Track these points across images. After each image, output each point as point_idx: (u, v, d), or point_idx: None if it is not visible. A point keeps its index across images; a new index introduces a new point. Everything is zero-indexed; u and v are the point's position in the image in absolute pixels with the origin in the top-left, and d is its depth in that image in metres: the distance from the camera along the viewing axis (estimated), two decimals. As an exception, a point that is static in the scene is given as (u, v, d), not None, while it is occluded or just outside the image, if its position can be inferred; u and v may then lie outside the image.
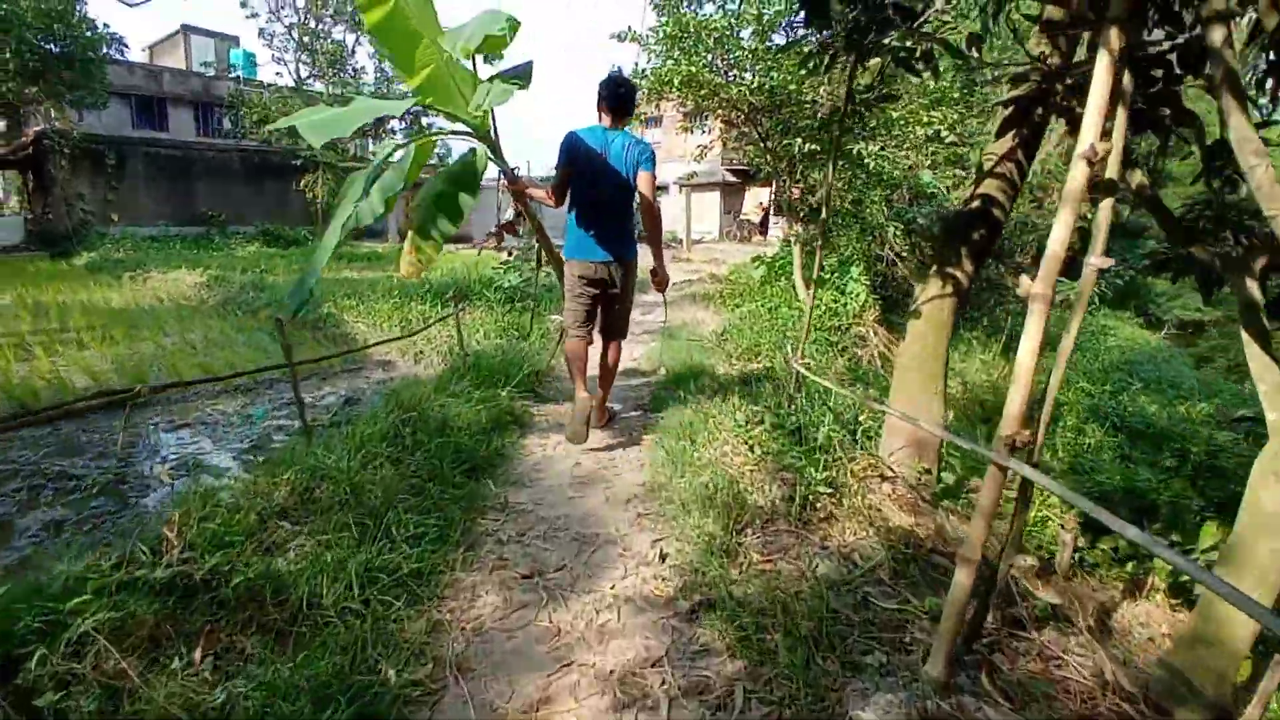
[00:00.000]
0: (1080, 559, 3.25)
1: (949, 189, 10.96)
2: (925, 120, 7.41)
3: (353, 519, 2.81)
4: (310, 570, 2.42)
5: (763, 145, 9.42)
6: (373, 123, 24.17)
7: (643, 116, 13.24)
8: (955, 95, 7.96)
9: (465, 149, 4.77)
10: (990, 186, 3.84)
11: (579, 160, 4.18)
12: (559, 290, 9.74)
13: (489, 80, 4.49)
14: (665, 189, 24.92)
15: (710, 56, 8.22)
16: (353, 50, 26.96)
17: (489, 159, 4.50)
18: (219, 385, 5.60)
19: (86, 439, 4.53)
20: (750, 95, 8.45)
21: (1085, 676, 2.26)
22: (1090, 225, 2.01)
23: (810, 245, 10.10)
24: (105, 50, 19.42)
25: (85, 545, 2.50)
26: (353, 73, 27.11)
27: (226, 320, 8.49)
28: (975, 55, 3.60)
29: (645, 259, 4.37)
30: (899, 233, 9.12)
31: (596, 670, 2.23)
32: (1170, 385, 10.66)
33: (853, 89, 4.13)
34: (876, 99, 4.37)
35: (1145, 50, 2.41)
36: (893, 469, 3.93)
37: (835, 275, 8.59)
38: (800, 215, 9.51)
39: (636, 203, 4.42)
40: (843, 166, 9.19)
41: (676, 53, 8.32)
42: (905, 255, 8.91)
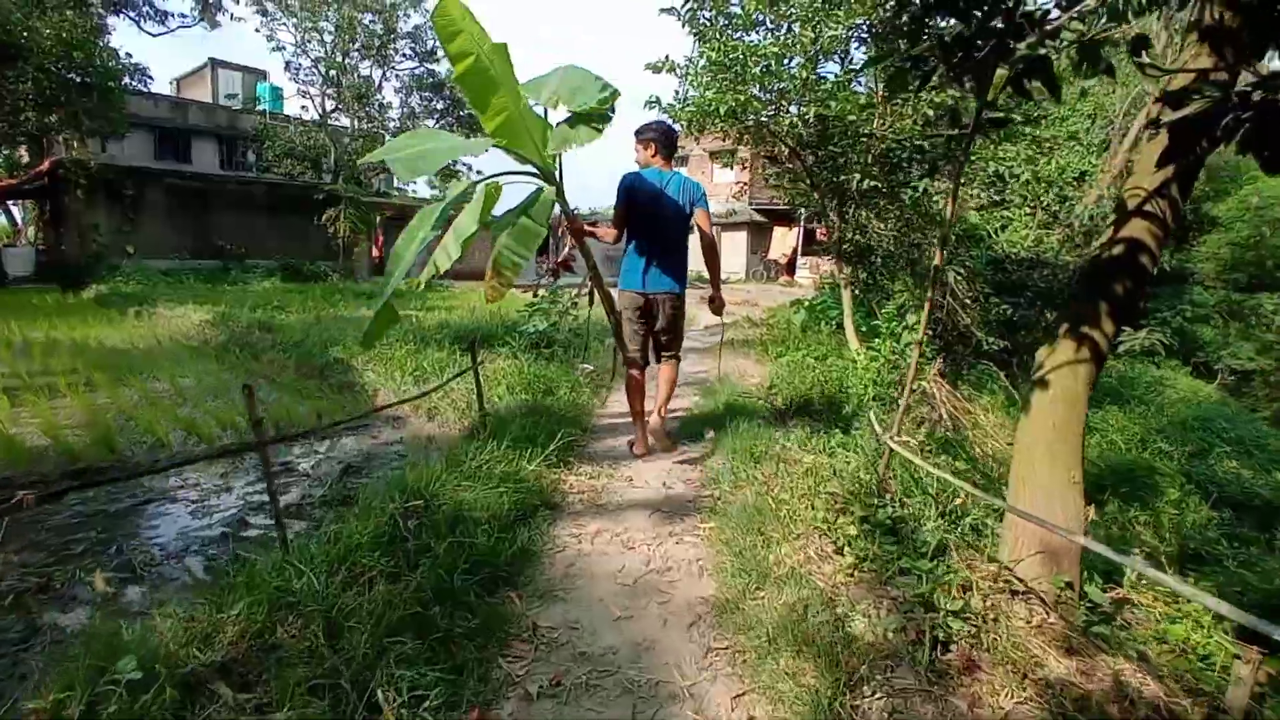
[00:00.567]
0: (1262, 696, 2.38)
1: (997, 230, 10.16)
2: (997, 156, 6.64)
3: (325, 679, 2.01)
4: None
5: (809, 182, 8.68)
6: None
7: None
8: (1035, 130, 7.21)
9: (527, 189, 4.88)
10: (1136, 228, 3.05)
11: (639, 199, 4.55)
12: (586, 337, 9.04)
13: (569, 120, 4.75)
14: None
15: (756, 87, 7.52)
16: (379, 85, 26.78)
17: (553, 200, 4.62)
18: (203, 447, 4.84)
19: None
20: (801, 127, 7.74)
21: None
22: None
23: (861, 290, 9.30)
24: (127, 81, 19.16)
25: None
26: (379, 108, 26.87)
27: (226, 364, 7.78)
28: (1139, 60, 2.81)
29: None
30: (960, 278, 8.30)
31: None
32: (1256, 446, 9.71)
33: (972, 107, 3.37)
34: (995, 122, 3.60)
35: None
36: (1024, 582, 3.10)
37: (891, 324, 7.77)
38: (849, 257, 8.73)
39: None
40: (895, 205, 8.44)
41: (721, 82, 7.64)
42: (968, 303, 8.07)
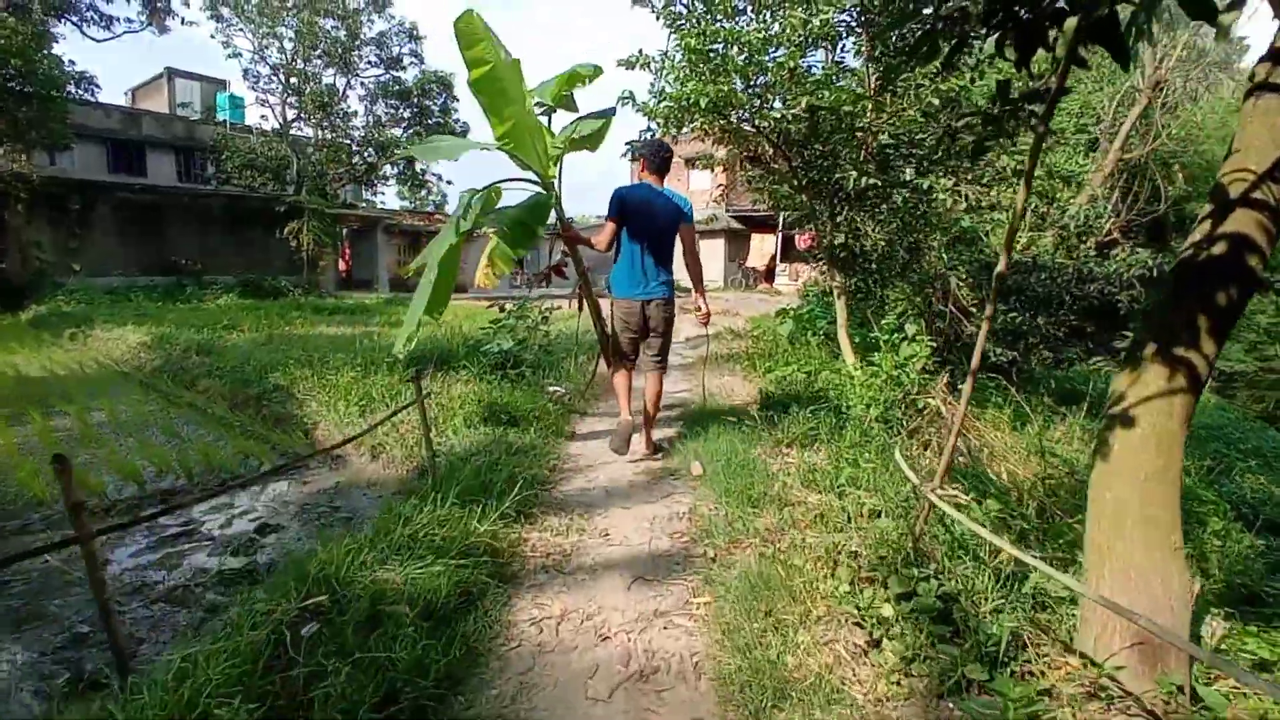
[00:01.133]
0: None
1: (987, 233, 9.54)
2: (1014, 149, 5.97)
3: None
4: None
5: (795, 183, 7.99)
6: (365, 170, 23.04)
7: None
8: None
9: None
10: (1242, 221, 2.35)
11: (629, 212, 4.87)
12: (558, 354, 8.28)
13: (574, 122, 5.52)
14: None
15: (738, 80, 6.83)
16: (344, 93, 25.85)
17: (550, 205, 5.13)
18: (93, 500, 4.03)
19: None
20: (789, 123, 7.06)
21: None
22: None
23: (854, 298, 8.61)
24: (72, 90, 18.17)
25: None
26: (342, 116, 25.94)
27: (155, 393, 6.94)
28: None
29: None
30: (963, 284, 7.64)
31: None
32: (1277, 458, 9.11)
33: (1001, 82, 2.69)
34: (1048, 94, 2.90)
35: None
36: (1121, 685, 2.40)
37: (891, 335, 7.09)
38: (842, 263, 8.05)
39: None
40: (894, 205, 7.77)
41: (700, 74, 6.94)
42: (973, 311, 7.41)
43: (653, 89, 7.23)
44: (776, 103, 7.17)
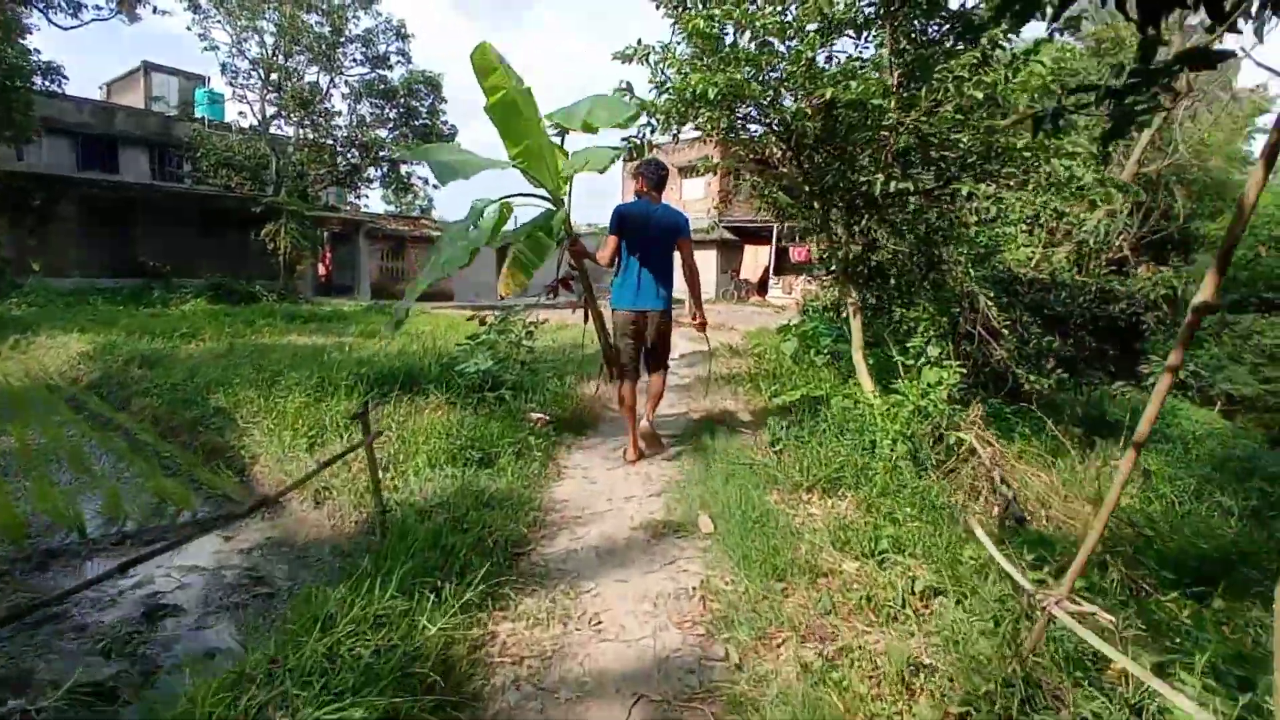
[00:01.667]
0: None
1: (990, 243, 8.81)
2: (1063, 152, 5.21)
3: None
4: None
5: (808, 189, 7.22)
6: (348, 172, 22.23)
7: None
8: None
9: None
10: None
11: (628, 228, 5.13)
12: (544, 373, 7.47)
13: (588, 149, 5.92)
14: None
15: (748, 69, 6.06)
16: (327, 91, 24.96)
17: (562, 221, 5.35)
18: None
19: None
20: (805, 119, 6.30)
21: None
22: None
23: (870, 317, 7.83)
24: (38, 82, 17.26)
25: None
26: (324, 115, 25.04)
27: (82, 413, 6.08)
28: None
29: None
30: (991, 302, 6.89)
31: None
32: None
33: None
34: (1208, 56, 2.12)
35: None
36: None
37: (918, 360, 6.33)
38: (858, 278, 7.28)
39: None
40: (916, 214, 7.02)
41: (706, 61, 6.18)
42: (1005, 332, 6.65)
43: (653, 81, 6.45)
44: (788, 100, 6.43)
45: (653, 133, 6.90)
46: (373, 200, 37.54)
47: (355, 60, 25.25)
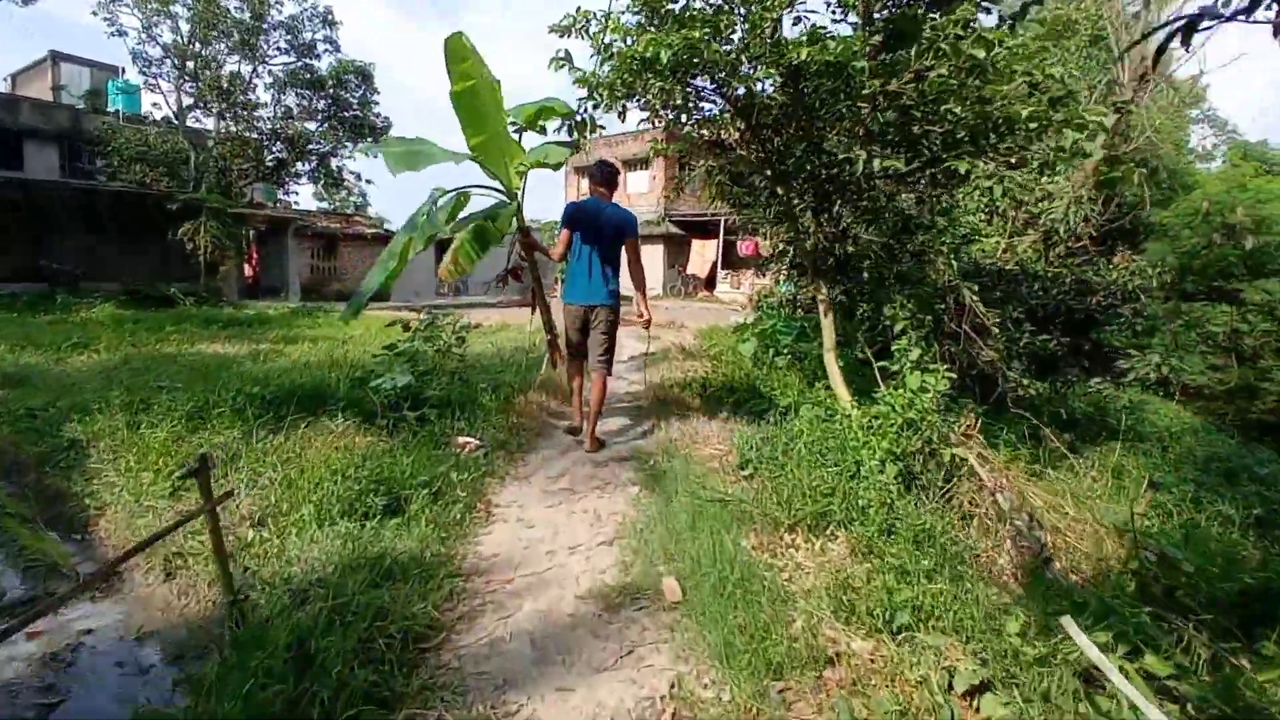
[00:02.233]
0: None
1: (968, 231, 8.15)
2: (1075, 122, 4.46)
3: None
4: None
5: (771, 173, 6.42)
6: (275, 166, 20.88)
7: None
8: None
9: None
10: None
11: (578, 225, 5.32)
12: (478, 383, 6.55)
13: (544, 145, 6.40)
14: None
15: (707, 32, 5.23)
16: (250, 81, 23.46)
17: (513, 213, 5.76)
18: None
19: None
20: (770, 94, 5.51)
21: None
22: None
23: (841, 315, 7.06)
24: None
25: None
26: (245, 106, 23.52)
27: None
28: None
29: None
30: (976, 297, 6.17)
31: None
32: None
33: None
34: None
35: None
36: None
37: (903, 364, 5.56)
38: (828, 272, 6.50)
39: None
40: (889, 200, 6.28)
41: (658, 23, 5.35)
42: (994, 330, 5.94)
43: (595, 48, 5.58)
44: (748, 69, 5.61)
45: (595, 108, 6.05)
46: (305, 198, 35.84)
47: (279, 49, 23.82)
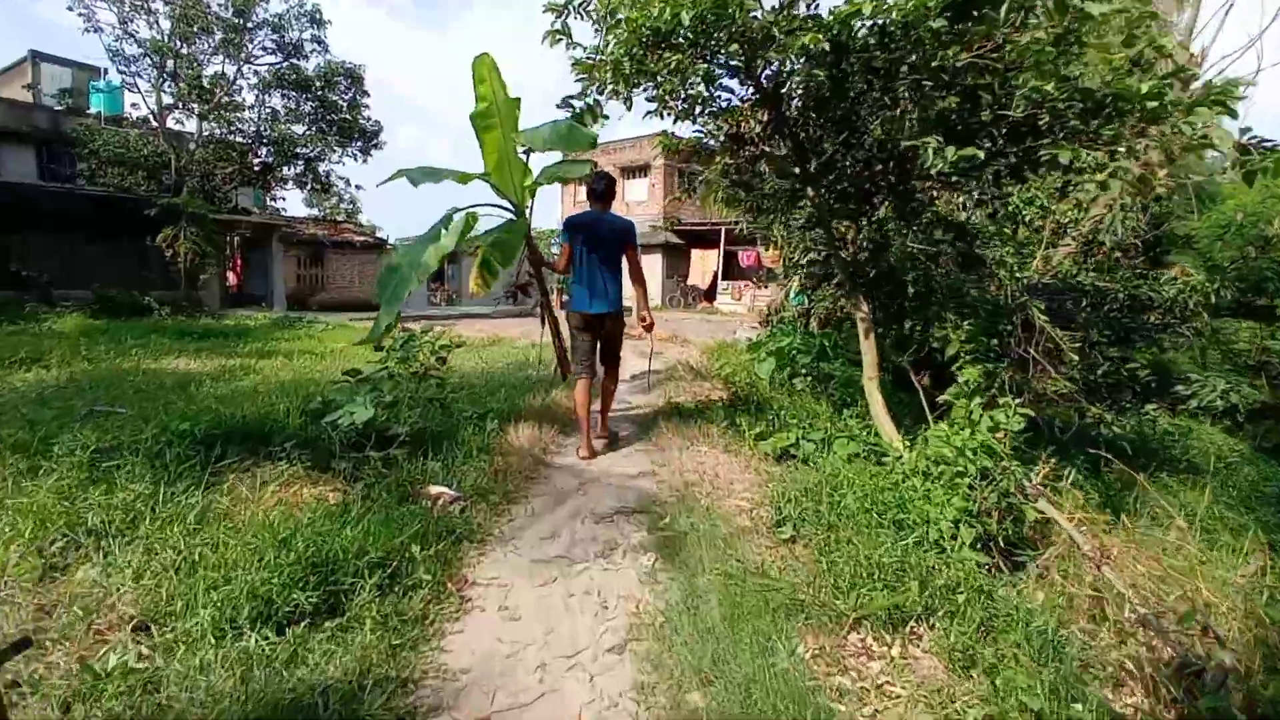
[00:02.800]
0: None
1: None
2: (1208, 99, 3.55)
3: None
4: None
5: (802, 171, 5.50)
6: (261, 171, 20.05)
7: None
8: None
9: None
10: None
11: (579, 237, 5.44)
12: (461, 411, 5.62)
13: (560, 164, 6.70)
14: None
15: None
16: (234, 81, 22.53)
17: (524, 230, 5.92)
18: None
19: None
20: (819, 68, 4.59)
21: None
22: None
23: (881, 334, 6.12)
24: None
25: None
26: (226, 106, 22.55)
27: None
28: None
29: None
30: (1044, 316, 5.24)
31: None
32: None
33: None
34: None
35: None
36: None
37: (969, 398, 4.63)
38: (870, 285, 5.57)
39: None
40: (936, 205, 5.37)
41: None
42: (1074, 357, 5.01)
43: (599, 13, 4.68)
44: (781, 39, 4.71)
45: (600, 92, 5.18)
46: (295, 204, 34.94)
47: (265, 48, 22.90)
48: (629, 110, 5.54)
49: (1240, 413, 11.67)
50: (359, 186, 35.29)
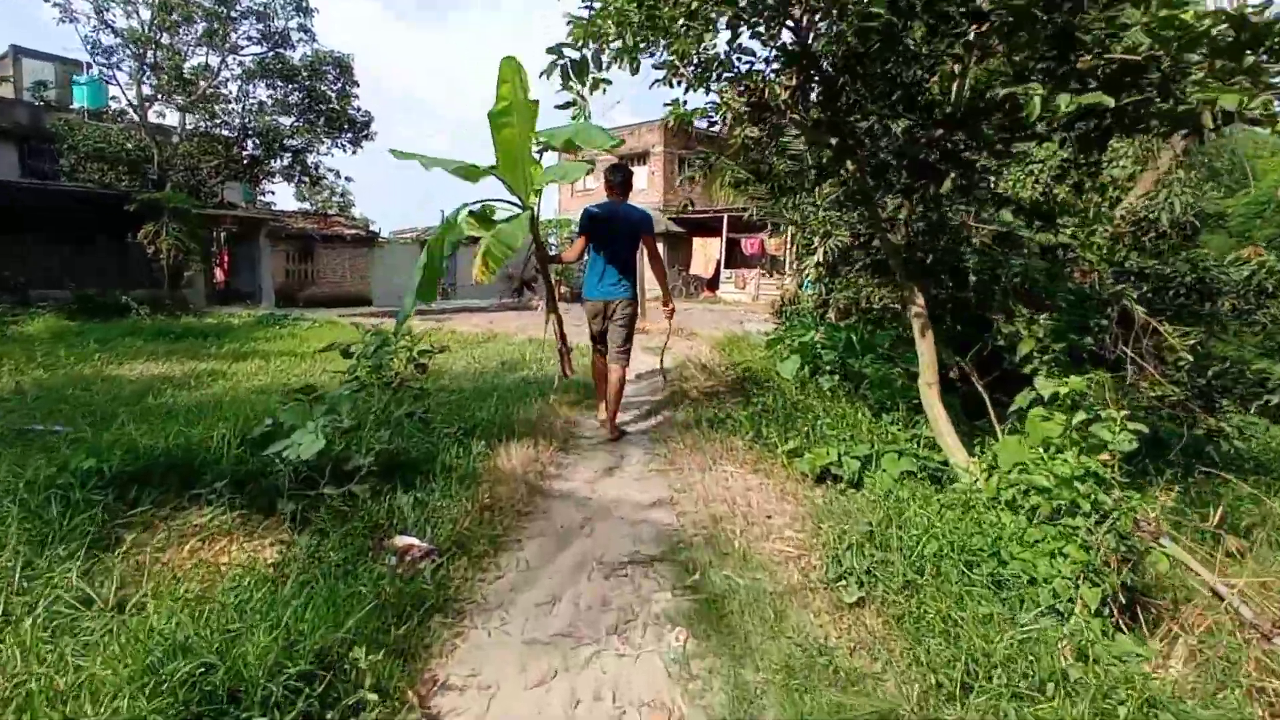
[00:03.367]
0: None
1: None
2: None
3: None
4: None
5: (839, 140, 4.62)
6: (247, 164, 19.20)
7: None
8: None
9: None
10: None
11: (595, 227, 5.63)
12: (443, 426, 4.77)
13: (562, 164, 6.93)
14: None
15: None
16: (218, 72, 21.60)
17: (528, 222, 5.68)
18: None
19: None
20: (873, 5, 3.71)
21: None
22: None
23: (939, 328, 5.22)
24: None
25: None
26: (213, 99, 21.65)
27: None
28: None
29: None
30: (1141, 307, 4.37)
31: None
32: None
33: None
34: None
35: None
36: None
37: (1068, 408, 3.75)
38: (922, 272, 4.70)
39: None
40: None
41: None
42: (1186, 358, 4.13)
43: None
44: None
45: (602, 54, 4.35)
46: (286, 198, 34.04)
47: (250, 38, 21.96)
48: (635, 74, 4.63)
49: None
50: (349, 178, 34.24)
